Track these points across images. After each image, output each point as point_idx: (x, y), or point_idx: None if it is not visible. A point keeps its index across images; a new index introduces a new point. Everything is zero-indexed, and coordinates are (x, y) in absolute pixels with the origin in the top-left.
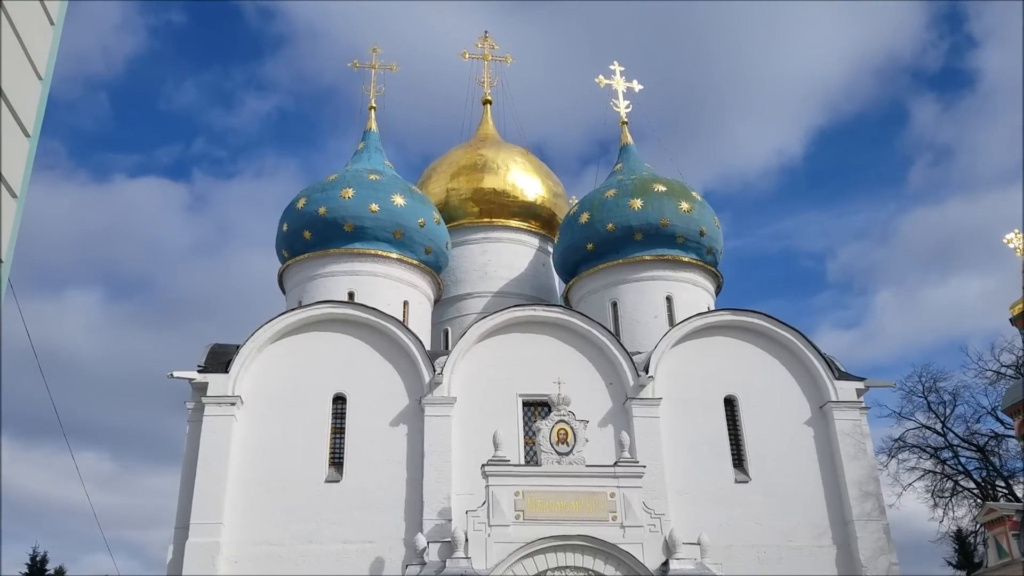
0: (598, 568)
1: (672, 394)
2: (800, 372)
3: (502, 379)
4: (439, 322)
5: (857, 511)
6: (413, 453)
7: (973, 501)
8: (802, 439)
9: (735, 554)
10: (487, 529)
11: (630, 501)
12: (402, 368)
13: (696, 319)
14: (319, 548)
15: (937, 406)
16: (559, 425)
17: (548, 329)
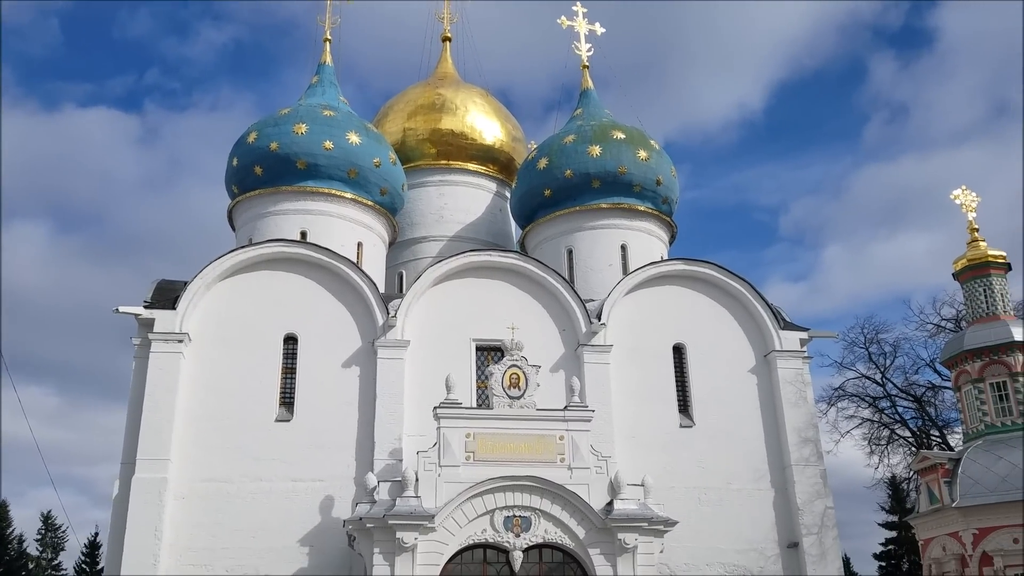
0: (545, 508)
1: (623, 341)
2: (747, 322)
3: (456, 323)
4: (393, 265)
5: (796, 456)
6: (365, 395)
7: (908, 449)
8: (746, 387)
9: (677, 495)
10: (437, 470)
11: (578, 444)
12: (355, 310)
13: (649, 268)
14: (269, 486)
15: (878, 357)
16: (511, 370)
17: (503, 275)
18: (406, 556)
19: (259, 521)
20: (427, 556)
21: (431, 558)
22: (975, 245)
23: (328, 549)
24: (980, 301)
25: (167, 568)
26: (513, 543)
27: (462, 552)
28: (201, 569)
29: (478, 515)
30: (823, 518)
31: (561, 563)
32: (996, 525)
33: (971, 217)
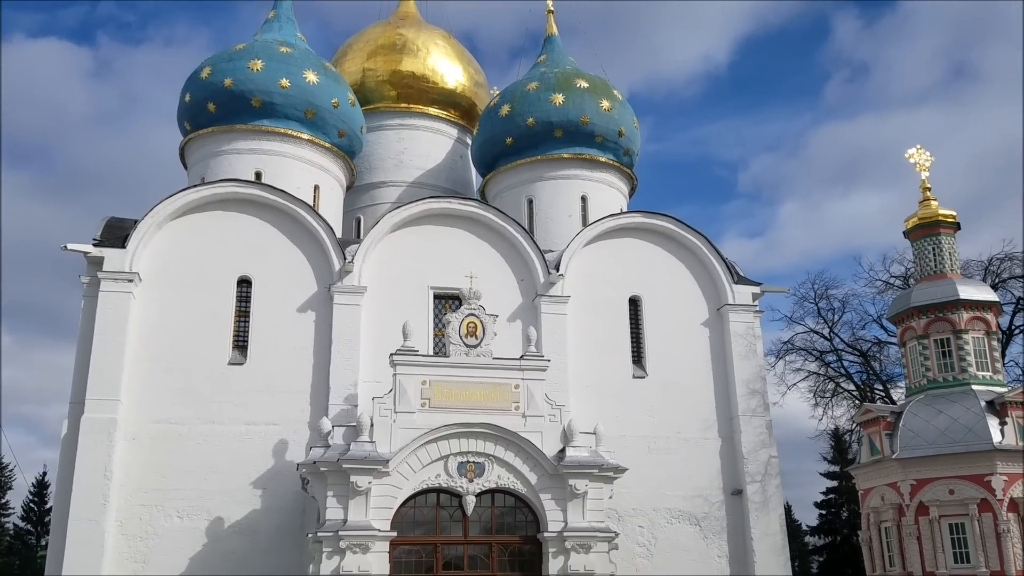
0: (498, 454)
1: (580, 292)
2: (702, 276)
3: (414, 271)
4: (351, 210)
5: (743, 407)
6: (320, 340)
7: (852, 402)
8: (698, 339)
9: (628, 444)
10: (393, 415)
11: (533, 393)
12: (311, 254)
13: (608, 220)
14: (221, 429)
15: (827, 312)
16: (469, 318)
17: (463, 223)
18: (360, 499)
19: (211, 463)
20: (381, 500)
21: (384, 501)
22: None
23: (281, 492)
24: (929, 259)
25: (117, 508)
26: (466, 488)
27: (415, 496)
28: (152, 510)
29: (432, 460)
30: (767, 467)
31: (513, 508)
32: (933, 477)
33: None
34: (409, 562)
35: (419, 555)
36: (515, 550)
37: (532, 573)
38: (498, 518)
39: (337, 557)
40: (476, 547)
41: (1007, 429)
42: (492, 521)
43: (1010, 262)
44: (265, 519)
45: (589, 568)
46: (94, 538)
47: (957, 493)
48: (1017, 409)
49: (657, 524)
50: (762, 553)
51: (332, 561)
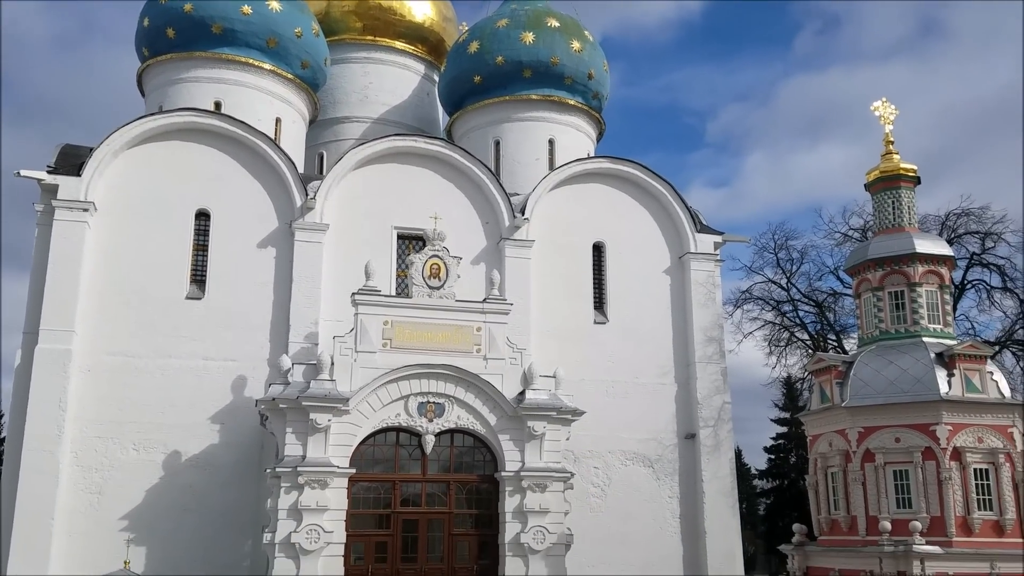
0: (459, 395)
1: (545, 237)
2: (666, 223)
3: (377, 209)
4: (314, 145)
5: (700, 354)
6: (281, 276)
7: (805, 351)
8: (659, 286)
9: (586, 388)
10: (354, 355)
11: (495, 336)
12: (272, 189)
13: (575, 164)
14: (178, 363)
15: (785, 263)
16: (432, 260)
17: (428, 162)
18: (319, 436)
19: (168, 397)
20: (340, 437)
21: (344, 439)
22: (889, 157)
23: (239, 428)
24: (888, 213)
25: (72, 440)
26: (426, 428)
27: (375, 435)
28: (108, 442)
29: (392, 400)
30: (720, 412)
31: (472, 448)
32: (880, 425)
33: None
34: (367, 499)
35: (377, 492)
36: (472, 488)
37: (488, 511)
38: (457, 457)
39: (295, 492)
40: (434, 485)
41: (954, 381)
42: (451, 460)
43: (966, 218)
44: (223, 454)
45: (544, 506)
46: (48, 468)
47: (903, 441)
48: (965, 361)
49: (612, 465)
50: (711, 494)
51: (290, 496)
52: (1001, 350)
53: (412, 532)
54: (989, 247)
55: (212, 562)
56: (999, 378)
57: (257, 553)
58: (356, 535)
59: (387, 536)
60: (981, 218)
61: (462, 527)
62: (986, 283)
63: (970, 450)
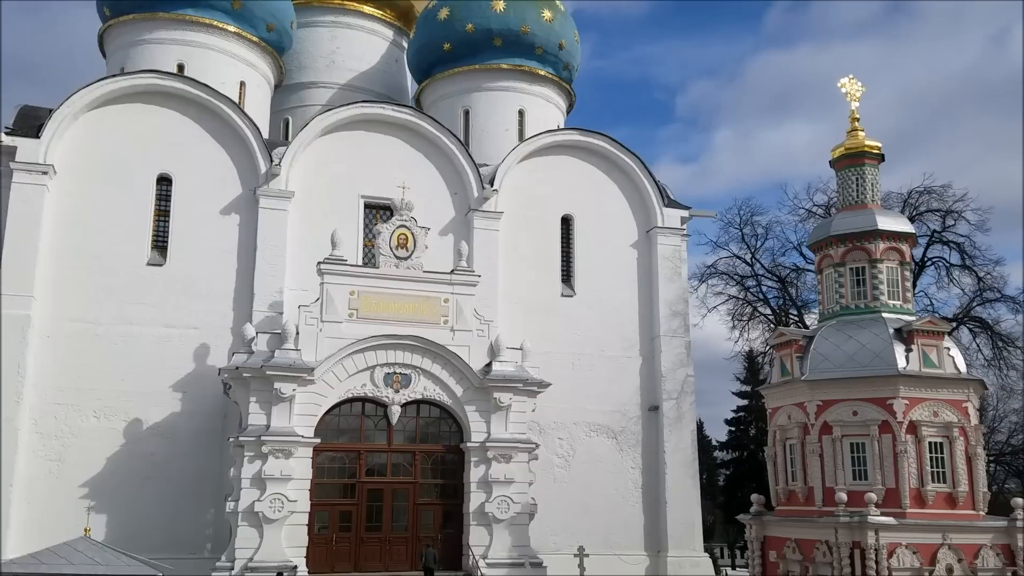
0: (425, 366)
1: (514, 209)
2: (634, 197)
3: (344, 178)
4: (279, 110)
5: (664, 328)
6: (245, 244)
7: (767, 326)
8: (626, 260)
9: (553, 360)
10: (319, 325)
11: (462, 307)
12: (236, 155)
13: (545, 136)
14: (139, 330)
15: (750, 238)
16: (400, 230)
17: (396, 131)
18: (283, 406)
19: (129, 365)
20: (305, 407)
21: (308, 409)
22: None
23: (202, 396)
24: (851, 189)
25: (32, 406)
26: (392, 398)
27: (340, 405)
28: (68, 410)
29: (359, 370)
30: (683, 385)
31: (438, 418)
32: (838, 398)
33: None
34: (332, 468)
35: (342, 462)
36: (438, 458)
37: (454, 481)
38: (422, 428)
39: (259, 461)
40: (400, 455)
41: (912, 356)
42: (416, 431)
43: (928, 196)
44: (185, 422)
45: (509, 476)
46: (7, 435)
47: (860, 414)
48: (923, 337)
49: (576, 437)
50: (673, 465)
51: (254, 465)
52: (958, 326)
53: (377, 501)
54: (950, 225)
55: (174, 530)
56: (956, 354)
57: (220, 522)
58: (321, 504)
59: (352, 505)
60: (943, 196)
61: (427, 496)
62: (946, 260)
63: (925, 424)
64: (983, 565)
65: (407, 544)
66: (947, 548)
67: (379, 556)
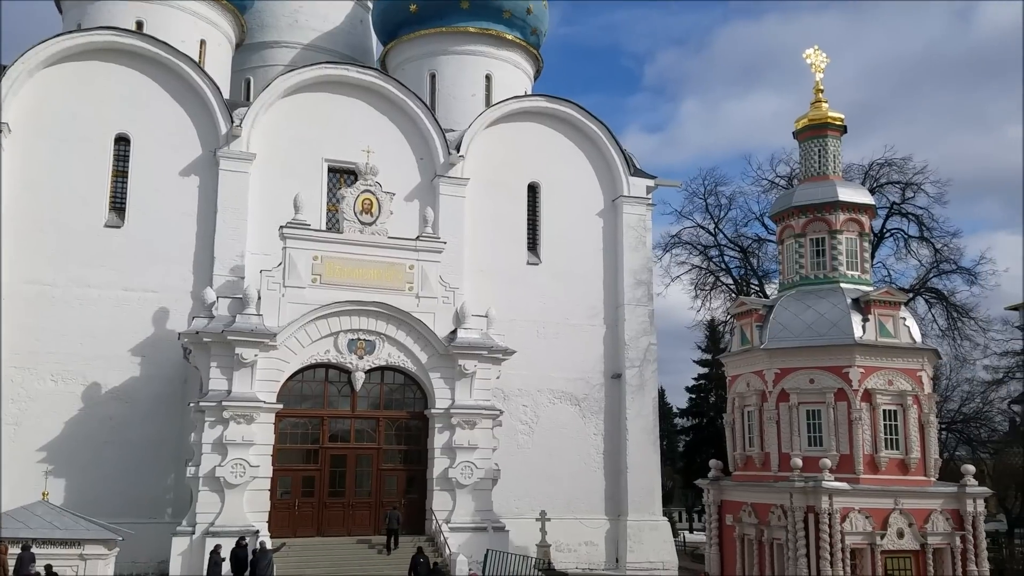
0: (390, 333)
1: (480, 175)
2: (601, 166)
3: (307, 141)
4: (240, 70)
5: (629, 297)
6: (205, 207)
7: (729, 295)
8: (592, 229)
9: (518, 327)
10: (282, 290)
11: (427, 274)
12: (196, 115)
13: (513, 102)
14: (97, 293)
15: (714, 208)
16: (364, 194)
17: (361, 93)
18: (245, 371)
19: (87, 328)
20: (267, 372)
21: (271, 374)
22: (817, 106)
23: (161, 360)
24: (814, 161)
25: None
26: (356, 364)
27: (303, 371)
28: (24, 373)
29: (322, 336)
30: (646, 353)
31: (402, 385)
32: (796, 367)
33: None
34: (295, 434)
35: (306, 427)
36: (402, 425)
37: (418, 447)
38: (387, 394)
39: (220, 427)
40: (363, 421)
41: (868, 325)
42: (381, 397)
43: (888, 168)
44: (144, 386)
45: (473, 443)
46: None
47: (817, 382)
48: (879, 307)
49: (540, 404)
50: (635, 432)
51: (215, 430)
52: (915, 297)
53: (340, 467)
54: (909, 197)
55: (134, 494)
56: (911, 324)
57: (180, 486)
58: (283, 469)
59: (315, 471)
60: (903, 168)
61: (391, 462)
62: (904, 232)
63: (880, 392)
64: (933, 529)
65: (370, 509)
66: (898, 513)
67: (342, 521)
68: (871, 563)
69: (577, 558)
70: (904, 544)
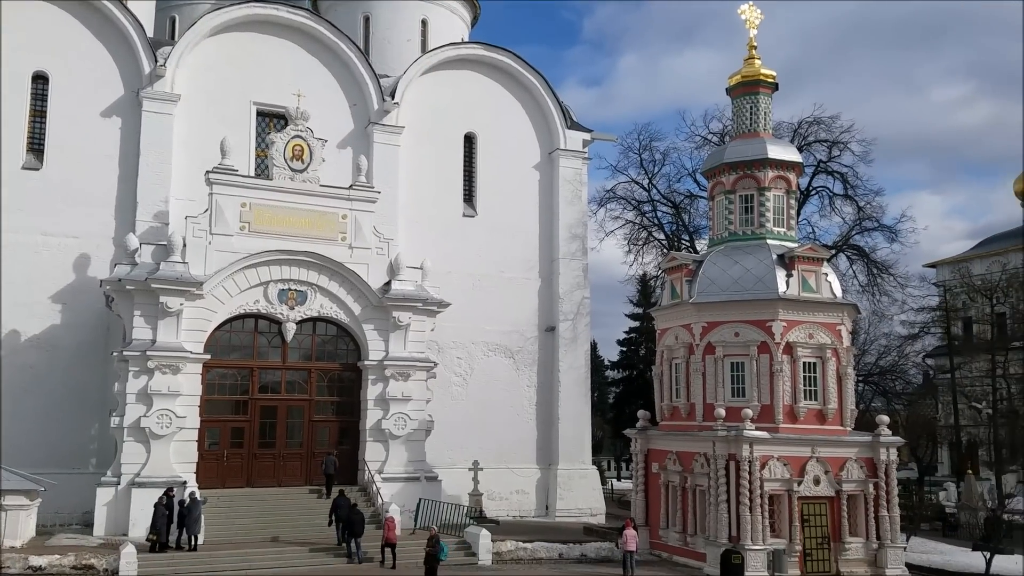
0: (322, 283)
1: (415, 124)
2: (538, 118)
3: (235, 83)
4: (165, 7)
5: (564, 251)
6: (128, 149)
7: (660, 250)
8: (528, 182)
9: (453, 280)
10: (208, 237)
11: (361, 224)
12: (118, 53)
13: (449, 48)
14: (15, 238)
15: (648, 164)
16: (295, 140)
17: (292, 35)
18: (170, 321)
19: (5, 273)
20: (193, 322)
21: (197, 324)
22: (750, 62)
23: (83, 308)
24: (745, 118)
25: None
26: (287, 315)
27: (232, 320)
28: None
29: (251, 286)
30: (579, 307)
31: (335, 336)
32: (722, 320)
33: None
34: (224, 385)
35: (235, 378)
36: (335, 376)
37: (351, 398)
38: (319, 346)
39: (144, 377)
40: (295, 373)
41: (792, 281)
42: (313, 348)
43: (817, 126)
44: (66, 335)
45: (407, 394)
46: None
47: (741, 336)
48: (803, 263)
49: (474, 356)
50: (567, 384)
51: (139, 380)
52: (837, 253)
53: (271, 418)
54: (835, 155)
55: (56, 444)
56: (833, 280)
57: (104, 436)
58: (211, 420)
59: (244, 422)
60: (830, 127)
61: (323, 414)
62: (829, 190)
63: (801, 345)
64: (848, 477)
65: (302, 460)
66: (815, 461)
67: (272, 472)
68: (788, 508)
69: (509, 506)
70: (820, 490)
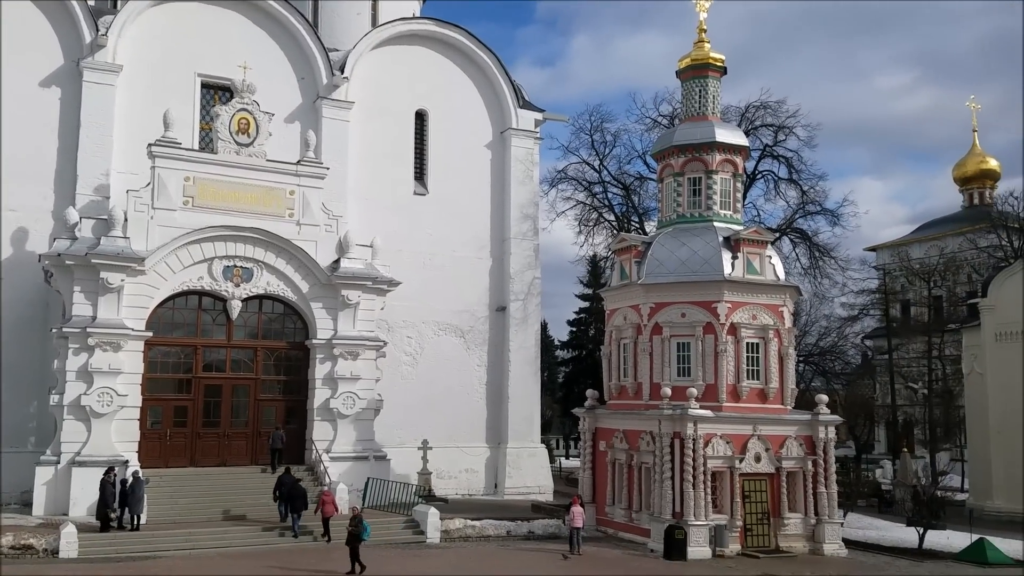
0: (269, 260)
1: (365, 100)
2: (490, 97)
3: (179, 53)
4: None
5: (515, 231)
6: (67, 121)
7: (611, 232)
8: (480, 161)
9: (404, 259)
10: (150, 212)
11: (309, 200)
12: (57, 21)
13: (400, 24)
14: None
15: (599, 145)
16: (241, 114)
17: (238, 5)
18: (111, 297)
19: None
20: (135, 299)
21: (139, 301)
22: (700, 46)
23: (21, 284)
24: (694, 101)
25: None
26: (232, 292)
27: (175, 297)
28: None
29: (195, 262)
30: (530, 287)
31: (282, 315)
32: (669, 301)
33: (702, 18)
34: (166, 363)
35: (178, 356)
36: (282, 355)
37: (298, 377)
38: (265, 324)
39: (85, 354)
40: (240, 351)
41: (737, 263)
42: (259, 326)
43: (764, 110)
44: (3, 310)
45: (355, 373)
46: None
47: (688, 317)
48: (748, 245)
49: (425, 335)
50: (517, 363)
51: (79, 358)
52: (781, 236)
53: (215, 397)
54: (781, 140)
55: None
56: (777, 262)
57: (44, 414)
58: (153, 399)
59: (188, 401)
60: (777, 112)
61: (269, 392)
62: (775, 174)
63: (745, 326)
64: (787, 454)
65: (247, 439)
66: (757, 439)
67: (217, 451)
68: (730, 485)
69: (458, 485)
70: (761, 467)
